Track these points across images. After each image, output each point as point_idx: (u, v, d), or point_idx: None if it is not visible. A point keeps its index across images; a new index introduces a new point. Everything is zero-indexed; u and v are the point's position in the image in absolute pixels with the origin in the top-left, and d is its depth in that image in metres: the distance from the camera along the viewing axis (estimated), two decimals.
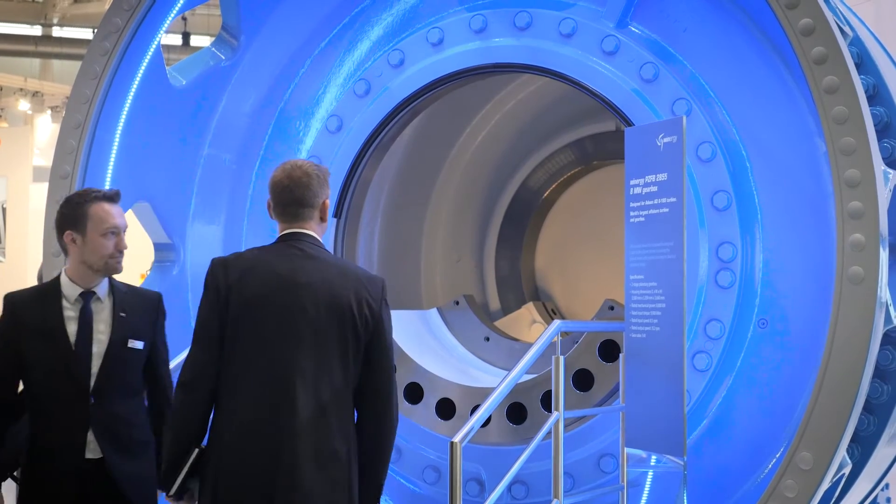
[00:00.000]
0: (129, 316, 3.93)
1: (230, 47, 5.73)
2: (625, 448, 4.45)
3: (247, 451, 3.43)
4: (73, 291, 3.88)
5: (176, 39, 21.47)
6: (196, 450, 3.49)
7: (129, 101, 5.52)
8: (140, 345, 3.93)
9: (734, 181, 4.54)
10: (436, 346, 6.03)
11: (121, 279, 4.05)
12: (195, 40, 21.41)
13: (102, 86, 5.44)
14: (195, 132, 5.71)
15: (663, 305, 4.18)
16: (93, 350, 3.83)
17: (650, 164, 4.28)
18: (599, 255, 6.86)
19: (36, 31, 23.59)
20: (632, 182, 4.37)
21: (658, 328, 4.20)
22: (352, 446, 3.52)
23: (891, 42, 5.49)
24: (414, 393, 5.47)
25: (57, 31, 23.60)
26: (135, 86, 5.52)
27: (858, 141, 3.96)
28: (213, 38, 5.92)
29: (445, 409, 5.40)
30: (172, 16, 5.52)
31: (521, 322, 6.90)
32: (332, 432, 3.46)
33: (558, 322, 4.33)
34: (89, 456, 3.79)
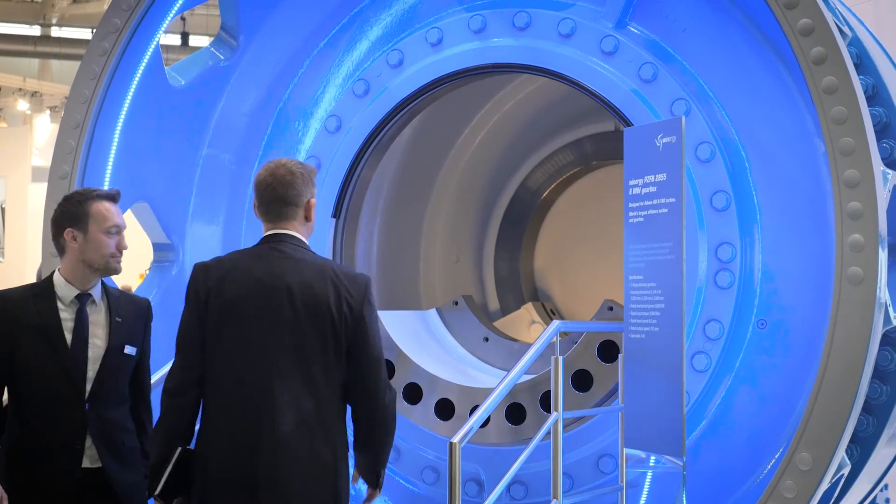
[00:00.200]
0: (125, 321, 3.87)
1: (229, 47, 5.73)
2: (624, 448, 4.45)
3: (231, 459, 3.42)
4: (69, 293, 3.79)
5: (175, 39, 21.50)
6: (179, 449, 3.49)
7: (128, 101, 5.51)
8: (133, 351, 3.88)
9: (733, 181, 4.54)
10: (435, 347, 6.02)
11: (120, 279, 4.01)
12: (194, 40, 21.45)
13: (101, 86, 5.44)
14: (194, 132, 5.70)
15: (662, 306, 4.18)
16: (88, 354, 3.75)
17: (649, 165, 4.27)
18: (598, 256, 6.85)
19: (35, 31, 23.61)
20: (631, 182, 4.37)
21: (657, 328, 4.20)
22: (337, 447, 3.49)
23: (890, 42, 5.49)
24: (413, 393, 5.47)
25: (56, 31, 23.63)
26: (134, 86, 5.52)
27: (857, 141, 3.95)
28: (212, 39, 5.92)
29: (444, 409, 5.40)
30: (171, 16, 5.52)
31: (520, 322, 6.89)
32: (314, 436, 3.44)
33: (557, 322, 4.33)
34: (86, 465, 3.71)
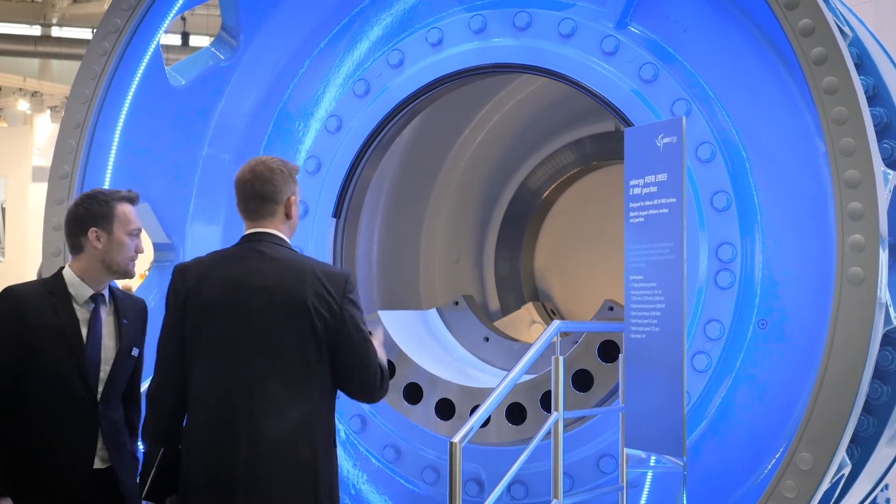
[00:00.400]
0: (130, 323, 3.86)
1: (229, 47, 5.73)
2: (624, 448, 4.44)
3: (210, 459, 3.42)
4: (84, 292, 3.75)
5: (175, 39, 21.51)
6: (162, 449, 3.49)
7: (129, 100, 5.52)
8: (136, 353, 3.88)
9: (734, 182, 4.54)
10: (435, 347, 6.01)
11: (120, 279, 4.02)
12: (194, 40, 21.46)
13: (102, 86, 5.44)
14: (194, 132, 5.70)
15: (663, 306, 4.18)
16: (101, 356, 3.74)
17: (650, 165, 4.27)
18: (599, 256, 6.84)
19: (35, 31, 23.62)
20: (631, 182, 4.37)
21: (658, 329, 4.19)
22: (318, 447, 3.46)
23: (890, 42, 5.49)
24: (413, 393, 5.46)
25: (56, 31, 23.64)
26: (134, 86, 5.52)
27: (858, 141, 3.95)
28: (213, 38, 5.92)
29: (445, 409, 5.40)
30: (171, 16, 5.52)
31: (520, 322, 6.89)
32: (294, 436, 3.42)
33: (558, 322, 4.32)
34: (97, 465, 3.70)
